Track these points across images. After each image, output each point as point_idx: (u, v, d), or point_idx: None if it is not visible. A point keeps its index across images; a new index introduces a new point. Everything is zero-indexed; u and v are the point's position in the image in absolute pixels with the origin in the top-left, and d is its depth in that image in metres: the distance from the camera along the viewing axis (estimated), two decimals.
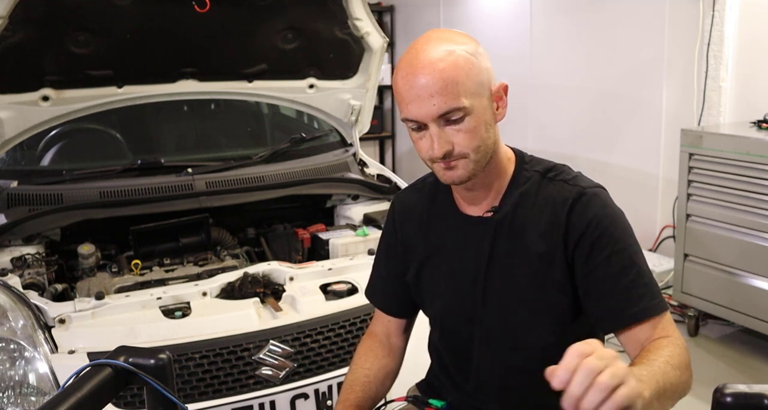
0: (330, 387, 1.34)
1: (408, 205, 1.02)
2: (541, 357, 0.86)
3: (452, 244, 0.95)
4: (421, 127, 0.84)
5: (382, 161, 4.88)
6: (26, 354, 1.24)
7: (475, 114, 0.83)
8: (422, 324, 1.07)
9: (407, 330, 1.08)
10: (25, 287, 1.43)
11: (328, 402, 1.35)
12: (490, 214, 0.91)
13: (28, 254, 1.56)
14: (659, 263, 2.88)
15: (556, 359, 0.86)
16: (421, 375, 1.10)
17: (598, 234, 0.84)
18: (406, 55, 0.85)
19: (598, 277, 0.84)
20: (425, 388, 1.08)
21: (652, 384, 0.69)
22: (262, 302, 1.45)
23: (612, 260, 0.83)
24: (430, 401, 1.02)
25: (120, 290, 1.50)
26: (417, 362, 1.09)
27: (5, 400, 1.22)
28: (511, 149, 0.95)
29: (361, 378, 1.02)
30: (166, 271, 1.63)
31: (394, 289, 1.04)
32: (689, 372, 0.81)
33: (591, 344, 0.63)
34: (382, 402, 1.05)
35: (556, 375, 0.62)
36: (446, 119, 0.82)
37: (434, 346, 1.05)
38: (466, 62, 0.82)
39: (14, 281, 1.41)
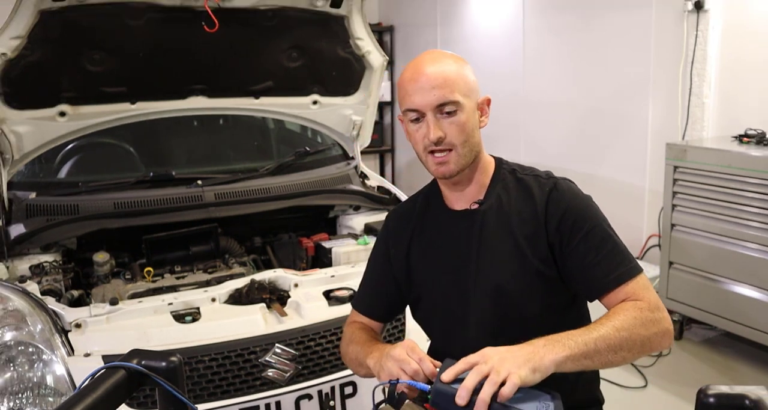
0: (333, 389, 1.37)
1: (403, 215, 1.11)
2: (531, 327, 0.94)
3: (445, 237, 1.04)
4: (419, 118, 0.96)
5: (382, 174, 4.90)
6: (44, 356, 1.27)
7: (466, 112, 0.96)
8: None
9: (381, 334, 1.15)
10: (43, 293, 1.46)
11: (331, 403, 1.37)
12: (476, 206, 1.02)
13: (45, 262, 1.59)
14: (645, 270, 2.90)
15: (542, 328, 0.94)
16: None
17: (574, 218, 0.96)
18: (411, 63, 0.99)
19: (580, 252, 0.94)
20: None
21: (576, 347, 0.82)
22: (268, 307, 1.47)
23: (588, 237, 0.95)
24: (429, 397, 1.05)
25: (133, 296, 1.53)
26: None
27: (24, 401, 1.24)
28: (491, 156, 1.08)
29: (369, 337, 1.06)
30: (177, 278, 1.66)
31: (382, 293, 1.11)
32: (656, 327, 0.89)
33: (482, 354, 0.80)
34: (381, 399, 1.06)
35: (459, 395, 0.76)
36: (442, 110, 0.95)
37: (432, 341, 1.10)
38: (461, 69, 0.98)
39: (33, 287, 1.44)
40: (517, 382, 0.75)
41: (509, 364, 0.77)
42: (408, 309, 1.15)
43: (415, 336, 1.19)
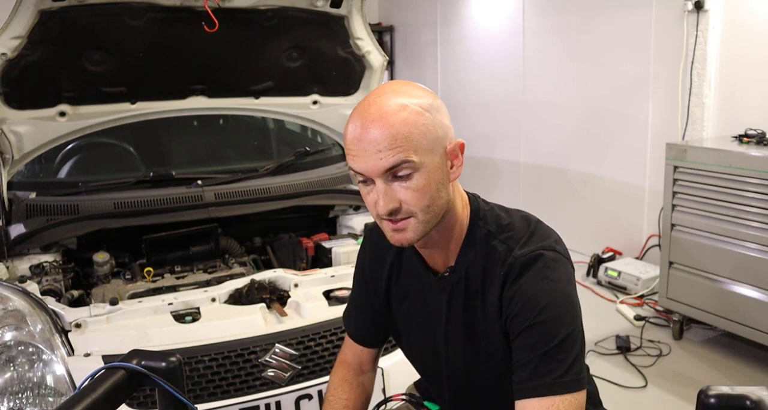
0: None
1: (379, 243, 0.96)
2: (504, 387, 0.85)
3: (418, 295, 0.94)
4: (367, 181, 0.79)
5: None
6: (44, 356, 1.26)
7: (425, 171, 0.78)
8: None
9: (376, 359, 1.08)
10: (43, 293, 1.45)
11: None
12: (447, 274, 0.89)
13: (45, 262, 1.59)
14: (645, 271, 2.93)
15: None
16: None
17: (521, 306, 0.80)
18: (358, 107, 0.80)
19: (517, 347, 0.81)
20: (422, 387, 1.11)
21: None
22: (268, 307, 1.47)
23: (530, 331, 0.79)
24: (425, 403, 1.04)
25: (133, 296, 1.53)
26: None
27: (24, 401, 1.23)
28: (469, 197, 0.90)
29: (341, 408, 1.01)
30: (177, 278, 1.66)
31: (365, 319, 1.04)
32: None
33: None
34: (382, 399, 1.08)
35: None
36: (394, 173, 0.77)
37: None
38: (419, 117, 0.77)
39: (33, 287, 1.43)
40: None
41: None
42: None
43: None
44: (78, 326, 1.34)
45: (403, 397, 1.08)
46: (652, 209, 3.02)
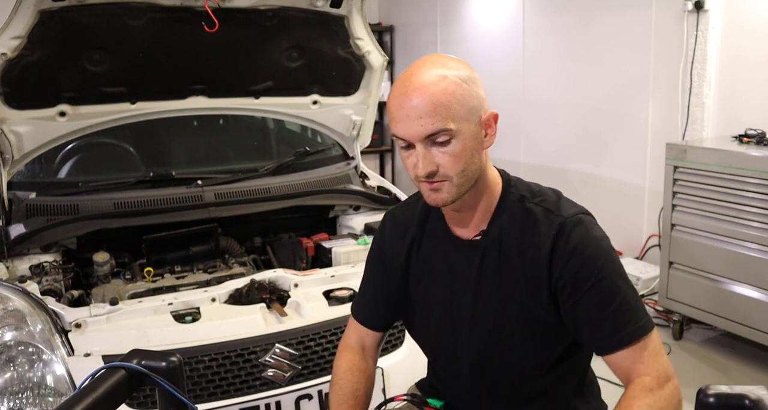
0: None
1: (400, 220, 1.02)
2: (522, 370, 0.90)
3: (443, 265, 0.95)
4: (409, 145, 0.86)
5: (382, 174, 4.91)
6: (44, 356, 1.26)
7: (462, 138, 0.84)
8: None
9: (379, 346, 1.09)
10: (43, 293, 1.45)
11: None
12: (479, 237, 0.92)
13: (45, 262, 1.59)
14: (645, 271, 2.92)
15: (534, 372, 0.90)
16: (421, 373, 1.12)
17: (580, 266, 0.85)
18: (401, 77, 0.87)
19: (584, 307, 0.85)
20: (425, 387, 1.11)
21: None
22: (268, 307, 1.47)
23: (595, 289, 0.84)
24: (429, 400, 1.03)
25: (133, 296, 1.53)
26: (417, 361, 1.12)
27: (24, 401, 1.23)
28: (498, 171, 0.96)
29: (353, 391, 1.02)
30: (177, 278, 1.66)
31: (377, 303, 1.05)
32: (670, 407, 0.82)
33: None
34: (383, 400, 1.08)
35: None
36: (432, 140, 0.83)
37: (427, 357, 1.07)
38: (457, 88, 0.83)
39: (33, 287, 1.43)
40: None
41: None
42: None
43: (415, 348, 1.15)
44: (78, 326, 1.34)
45: (405, 397, 1.08)
46: (652, 209, 3.02)
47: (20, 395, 1.24)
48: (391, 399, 1.08)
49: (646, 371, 0.84)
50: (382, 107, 4.84)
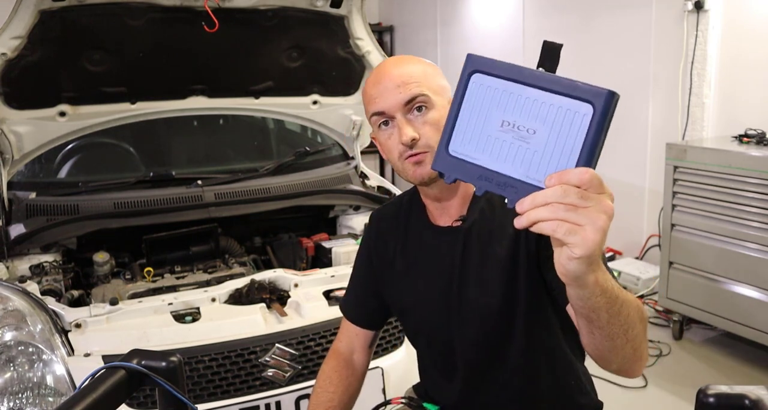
0: None
1: (387, 217, 1.05)
2: (516, 345, 0.90)
3: (427, 255, 0.98)
4: (388, 121, 0.89)
5: (382, 174, 4.90)
6: (44, 356, 1.27)
7: (437, 109, 0.88)
8: None
9: (371, 346, 1.10)
10: (43, 293, 1.46)
11: None
12: (459, 223, 0.94)
13: (45, 262, 1.59)
14: (645, 271, 2.93)
15: (528, 346, 0.89)
16: (418, 377, 1.12)
17: None
18: (376, 68, 0.93)
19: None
20: (421, 391, 1.11)
21: (613, 290, 0.64)
22: (268, 307, 1.47)
23: None
24: (425, 404, 1.03)
25: (133, 296, 1.53)
26: (415, 364, 1.10)
27: (24, 401, 1.24)
28: None
29: (326, 401, 1.03)
30: (177, 278, 1.66)
31: (367, 301, 1.06)
32: (644, 343, 0.74)
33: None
34: (381, 402, 1.08)
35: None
36: (411, 107, 0.87)
37: (420, 357, 1.07)
38: (428, 67, 0.91)
39: (33, 287, 1.44)
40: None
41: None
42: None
43: (413, 350, 1.14)
44: (78, 326, 1.34)
45: (402, 400, 1.08)
46: (652, 209, 3.02)
47: (20, 395, 1.24)
48: (389, 402, 1.08)
49: None
50: None
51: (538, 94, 0.60)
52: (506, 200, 0.60)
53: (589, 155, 0.58)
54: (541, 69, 0.64)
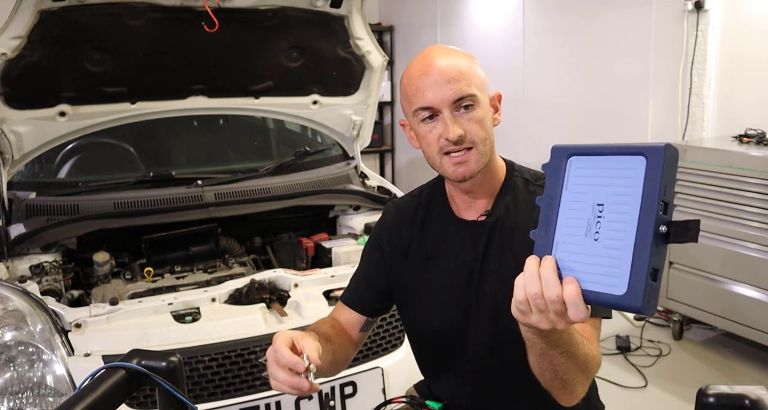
0: (333, 389, 1.37)
1: (403, 209, 1.04)
2: (528, 366, 0.86)
3: (448, 247, 0.97)
4: (433, 116, 0.88)
5: (382, 174, 4.90)
6: (44, 356, 1.27)
7: (483, 107, 0.89)
8: None
9: (364, 330, 1.07)
10: (43, 293, 1.46)
11: (331, 403, 1.37)
12: (483, 218, 0.95)
13: (45, 262, 1.59)
14: None
15: None
16: (420, 375, 1.12)
17: None
18: (416, 59, 0.91)
19: None
20: (423, 389, 1.11)
21: (571, 332, 0.73)
22: (268, 307, 1.47)
23: None
24: (428, 402, 1.03)
25: (133, 296, 1.53)
26: (415, 363, 1.09)
27: (24, 400, 1.24)
28: (501, 158, 1.00)
29: (326, 331, 0.98)
30: (177, 278, 1.66)
31: (370, 292, 1.04)
32: (585, 381, 0.83)
33: None
34: (382, 401, 1.08)
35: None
36: (459, 105, 0.88)
37: (421, 353, 1.05)
38: (470, 60, 0.92)
39: (33, 287, 1.44)
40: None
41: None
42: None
43: None
44: (78, 326, 1.34)
45: (404, 400, 1.07)
46: None
47: (20, 395, 1.24)
48: (390, 401, 1.07)
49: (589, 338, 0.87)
50: (382, 107, 4.86)
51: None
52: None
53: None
54: None
